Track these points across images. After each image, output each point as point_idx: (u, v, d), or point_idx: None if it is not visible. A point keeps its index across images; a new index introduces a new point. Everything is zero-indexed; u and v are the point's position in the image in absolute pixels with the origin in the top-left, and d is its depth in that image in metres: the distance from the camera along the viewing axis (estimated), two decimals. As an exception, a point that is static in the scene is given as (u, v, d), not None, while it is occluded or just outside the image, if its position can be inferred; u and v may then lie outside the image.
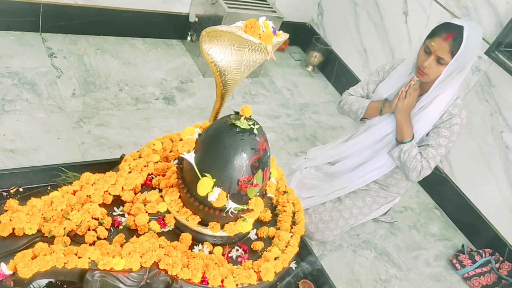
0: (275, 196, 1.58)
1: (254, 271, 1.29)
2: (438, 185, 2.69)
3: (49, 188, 1.40)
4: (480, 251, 2.37)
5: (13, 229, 1.19)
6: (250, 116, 1.27)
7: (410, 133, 1.87)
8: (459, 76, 1.79)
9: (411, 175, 1.89)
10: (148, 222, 1.30)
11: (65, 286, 1.23)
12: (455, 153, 2.61)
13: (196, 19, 2.84)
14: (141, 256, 1.16)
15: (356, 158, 2.04)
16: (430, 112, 1.86)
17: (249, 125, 1.24)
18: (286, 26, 2.74)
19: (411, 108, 1.87)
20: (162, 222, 1.33)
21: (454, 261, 2.32)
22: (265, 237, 1.45)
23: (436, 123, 1.88)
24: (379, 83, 2.02)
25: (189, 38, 2.93)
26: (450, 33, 1.70)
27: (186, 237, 1.31)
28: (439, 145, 1.86)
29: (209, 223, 1.31)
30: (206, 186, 1.22)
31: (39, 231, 1.21)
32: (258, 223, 1.48)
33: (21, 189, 1.43)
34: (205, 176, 1.23)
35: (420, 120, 1.88)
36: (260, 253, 1.39)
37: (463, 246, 2.43)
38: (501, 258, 2.34)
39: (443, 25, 1.75)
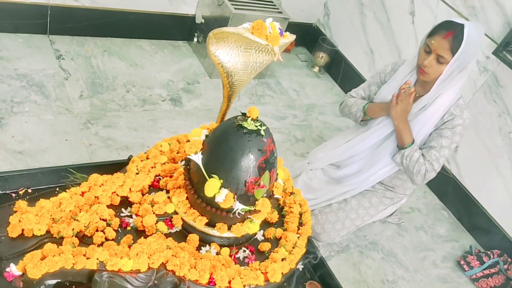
0: (282, 197, 1.58)
1: (261, 272, 1.29)
2: (445, 186, 2.67)
3: (57, 189, 1.40)
4: (488, 252, 2.35)
5: (22, 230, 1.20)
6: (257, 117, 1.27)
7: (410, 137, 1.85)
8: (460, 75, 1.77)
9: (416, 179, 1.88)
10: (155, 223, 1.30)
11: (73, 286, 1.24)
12: (463, 154, 2.59)
13: (203, 20, 2.85)
14: (148, 257, 1.17)
15: (360, 162, 2.04)
16: (431, 113, 1.84)
17: (256, 126, 1.24)
18: (292, 27, 2.74)
19: (407, 113, 1.84)
20: (170, 223, 1.33)
21: (462, 262, 2.31)
22: (272, 238, 1.45)
23: (437, 124, 1.86)
24: (381, 85, 2.01)
25: (195, 39, 2.94)
26: (451, 31, 1.68)
27: (194, 238, 1.32)
28: (442, 147, 1.84)
29: (216, 224, 1.32)
30: (213, 187, 1.22)
31: (48, 232, 1.22)
32: (265, 224, 1.48)
33: (29, 190, 1.44)
34: (212, 177, 1.23)
35: (420, 121, 1.86)
36: (267, 254, 1.39)
37: (470, 247, 2.42)
38: (509, 259, 2.33)
39: (444, 23, 1.72)
